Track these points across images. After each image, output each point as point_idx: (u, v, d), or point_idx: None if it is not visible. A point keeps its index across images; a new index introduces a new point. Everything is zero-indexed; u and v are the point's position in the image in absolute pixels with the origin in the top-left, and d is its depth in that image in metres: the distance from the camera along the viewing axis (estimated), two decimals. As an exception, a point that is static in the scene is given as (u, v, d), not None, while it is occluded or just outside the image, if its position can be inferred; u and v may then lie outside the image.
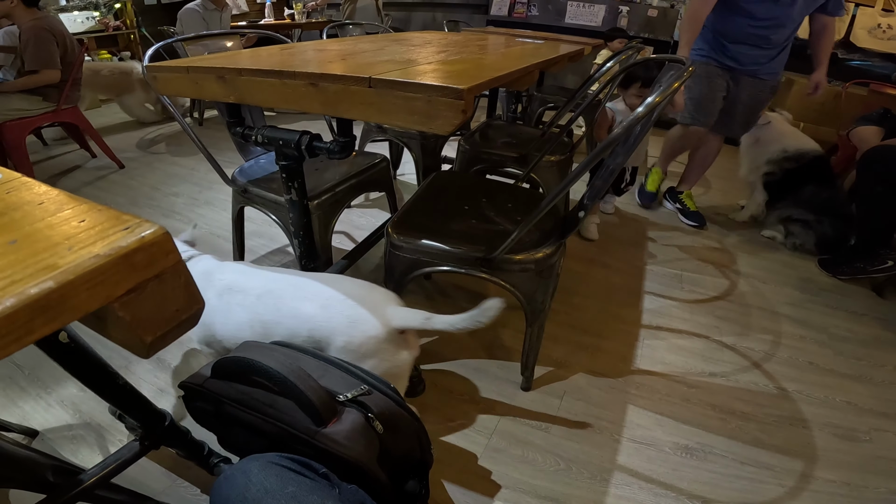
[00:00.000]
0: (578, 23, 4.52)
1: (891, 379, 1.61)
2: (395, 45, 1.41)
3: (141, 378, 1.40)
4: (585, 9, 4.48)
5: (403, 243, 1.19)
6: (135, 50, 4.79)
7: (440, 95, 0.76)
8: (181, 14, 3.50)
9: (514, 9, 4.66)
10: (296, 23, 4.60)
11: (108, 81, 3.62)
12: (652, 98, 0.83)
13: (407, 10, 5.16)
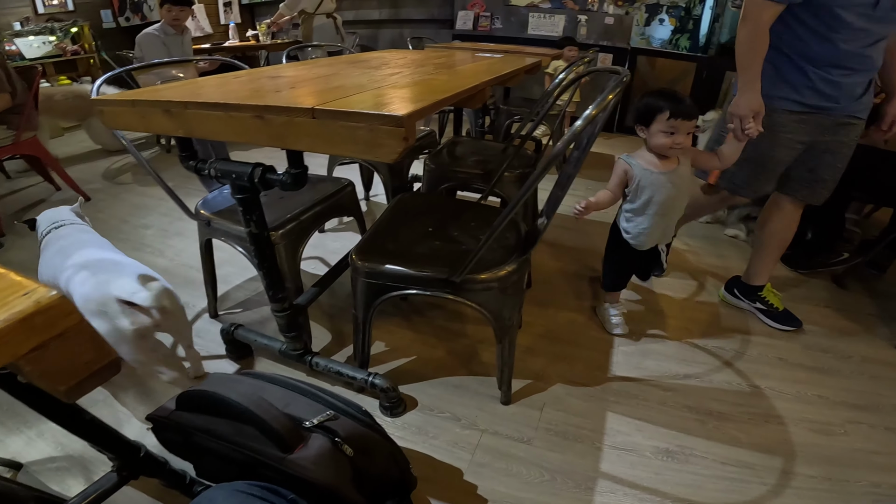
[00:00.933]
0: (540, 33, 4.60)
1: (858, 370, 1.64)
2: (351, 68, 1.41)
3: (119, 411, 1.38)
4: (546, 19, 4.58)
5: (368, 269, 1.20)
6: (95, 74, 4.73)
7: (381, 124, 0.76)
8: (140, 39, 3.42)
9: (479, 22, 4.74)
10: (261, 44, 4.58)
11: (65, 107, 3.52)
12: (590, 110, 0.84)
13: (374, 28, 5.20)
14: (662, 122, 1.40)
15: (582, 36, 4.50)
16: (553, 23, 4.57)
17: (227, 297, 1.90)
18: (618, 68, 1.10)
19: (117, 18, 5.32)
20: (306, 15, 4.03)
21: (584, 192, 2.97)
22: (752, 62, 1.42)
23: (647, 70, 4.52)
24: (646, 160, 1.47)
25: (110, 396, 1.42)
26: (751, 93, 1.43)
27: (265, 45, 4.61)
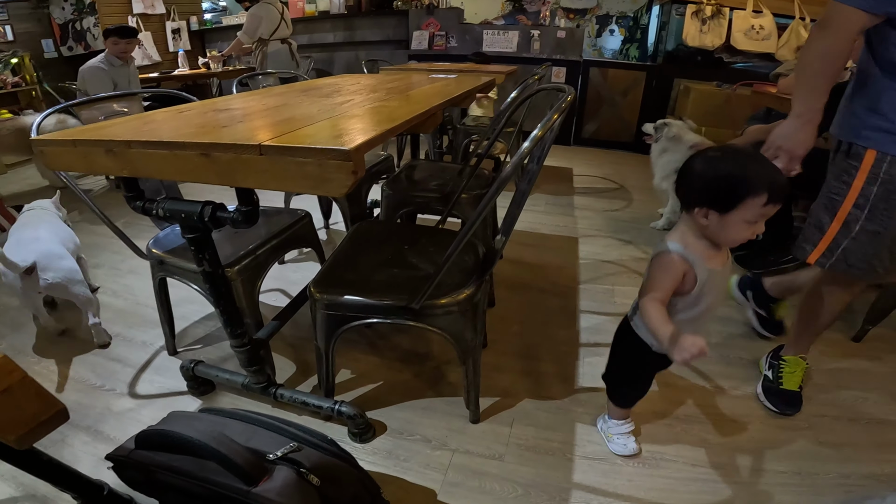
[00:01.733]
0: (495, 50, 4.69)
1: (815, 365, 1.70)
2: (302, 97, 1.40)
3: (79, 450, 1.33)
4: (500, 36, 4.68)
5: (327, 301, 1.20)
6: (38, 107, 4.56)
7: (329, 158, 0.76)
8: (83, 72, 3.31)
9: (434, 41, 4.79)
10: (212, 72, 4.52)
11: (8, 142, 3.37)
12: (536, 131, 0.85)
13: (329, 51, 5.19)
14: (753, 209, 0.93)
15: (535, 50, 4.61)
16: (507, 39, 4.67)
17: (186, 333, 1.85)
18: (563, 86, 1.12)
19: (59, 48, 5.17)
20: (261, 41, 4.00)
21: (543, 208, 3.01)
22: (823, 84, 1.15)
23: (599, 81, 4.67)
24: (701, 254, 1.02)
25: (69, 436, 1.37)
26: (811, 126, 1.20)
27: (216, 73, 4.55)
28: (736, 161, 0.96)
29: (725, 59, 4.39)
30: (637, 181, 3.50)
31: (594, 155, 4.51)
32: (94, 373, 1.62)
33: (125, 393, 1.53)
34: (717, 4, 4.14)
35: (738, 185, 0.93)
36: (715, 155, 0.99)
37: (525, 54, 4.64)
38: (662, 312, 1.00)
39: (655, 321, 0.99)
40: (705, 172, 0.98)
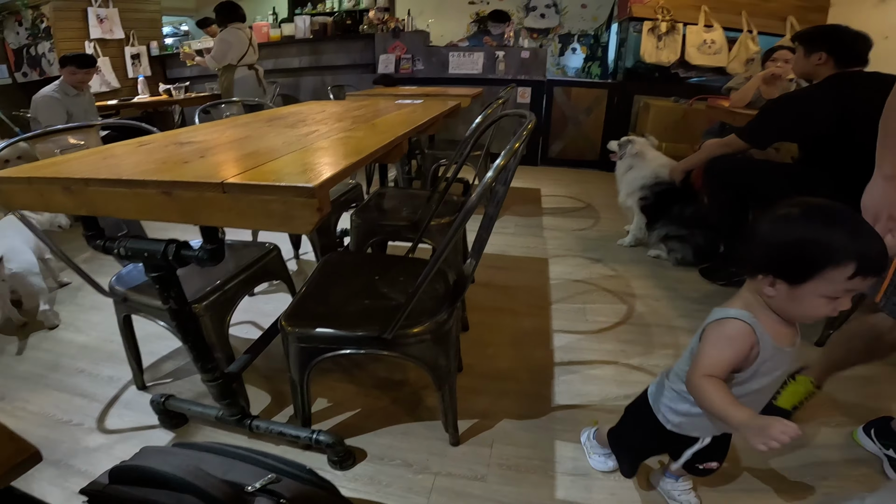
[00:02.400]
0: (461, 72, 4.75)
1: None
2: (266, 127, 1.39)
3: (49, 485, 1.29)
4: (466, 58, 4.75)
5: (299, 334, 1.19)
6: (-10, 137, 4.39)
7: (293, 195, 0.76)
8: (37, 102, 3.20)
9: (401, 65, 4.81)
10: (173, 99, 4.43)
11: None
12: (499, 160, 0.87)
13: (295, 76, 5.16)
14: (834, 283, 0.77)
15: (501, 71, 4.68)
16: (473, 61, 4.75)
17: (155, 367, 1.80)
18: (524, 112, 1.15)
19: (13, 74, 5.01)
20: (228, 67, 3.96)
21: (513, 230, 3.05)
22: None
23: (563, 100, 4.77)
24: (771, 329, 0.87)
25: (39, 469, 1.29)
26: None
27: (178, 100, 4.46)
28: (815, 221, 0.78)
29: (681, 75, 4.55)
30: (603, 199, 3.56)
31: (561, 174, 4.59)
32: (58, 408, 1.57)
33: (94, 428, 1.49)
34: (672, 20, 4.28)
35: (814, 251, 0.76)
36: (788, 212, 0.81)
37: (491, 75, 4.70)
38: (725, 391, 0.84)
39: (720, 403, 0.83)
40: (773, 234, 0.81)
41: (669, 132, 4.14)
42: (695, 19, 4.31)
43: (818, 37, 2.08)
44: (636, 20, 4.38)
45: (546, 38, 5.96)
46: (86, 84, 3.39)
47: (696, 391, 0.87)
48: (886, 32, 3.55)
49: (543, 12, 5.84)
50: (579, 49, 5.89)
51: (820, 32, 2.13)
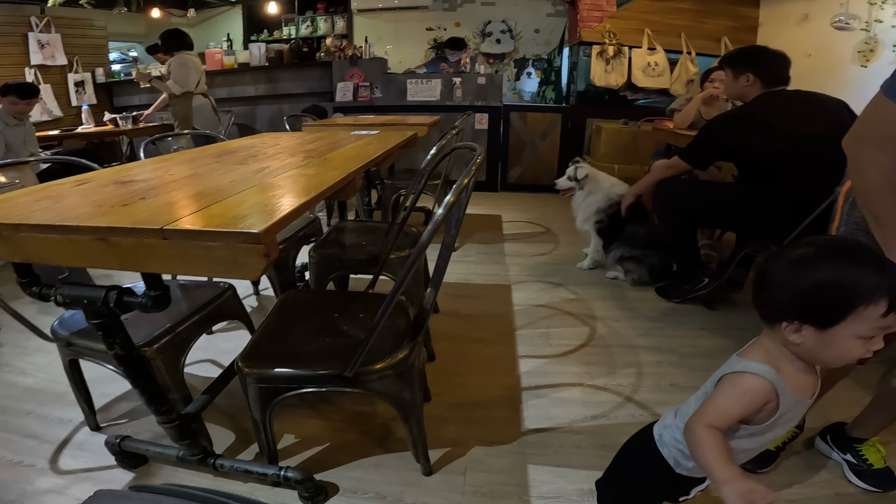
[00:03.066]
0: (420, 99, 4.80)
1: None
2: (214, 164, 1.36)
3: None
4: (424, 85, 4.80)
5: (257, 375, 1.15)
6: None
7: (238, 242, 0.73)
8: None
9: (359, 93, 4.82)
10: (120, 130, 4.26)
11: None
12: (449, 196, 0.87)
13: (251, 105, 5.08)
14: (868, 322, 0.73)
15: (458, 98, 4.75)
16: (430, 87, 4.81)
17: (109, 408, 1.71)
18: (474, 146, 1.16)
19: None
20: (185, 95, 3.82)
21: (475, 258, 3.07)
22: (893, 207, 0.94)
23: (520, 125, 4.86)
24: (795, 382, 0.82)
25: None
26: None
27: (125, 130, 4.28)
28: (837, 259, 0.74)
29: (629, 97, 4.73)
30: (562, 223, 3.63)
31: (521, 200, 4.65)
32: (8, 449, 1.49)
33: (47, 469, 1.42)
34: (618, 44, 4.47)
35: (843, 291, 0.72)
36: (805, 253, 0.77)
37: (449, 102, 4.76)
38: (722, 446, 0.81)
39: (712, 456, 0.79)
40: (796, 278, 0.76)
41: (621, 154, 4.26)
42: (639, 42, 4.50)
43: (744, 59, 2.20)
44: (585, 44, 4.54)
45: (502, 63, 6.11)
46: (26, 114, 3.25)
47: (693, 438, 0.84)
48: (809, 50, 3.84)
49: (499, 38, 5.99)
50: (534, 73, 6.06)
51: (744, 55, 2.25)
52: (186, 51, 3.80)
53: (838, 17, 3.37)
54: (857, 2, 3.33)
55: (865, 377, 1.70)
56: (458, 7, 5.93)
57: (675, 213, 2.32)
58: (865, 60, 3.36)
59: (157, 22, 5.80)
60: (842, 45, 3.54)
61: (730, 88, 2.29)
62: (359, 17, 6.09)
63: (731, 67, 2.24)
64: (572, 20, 4.97)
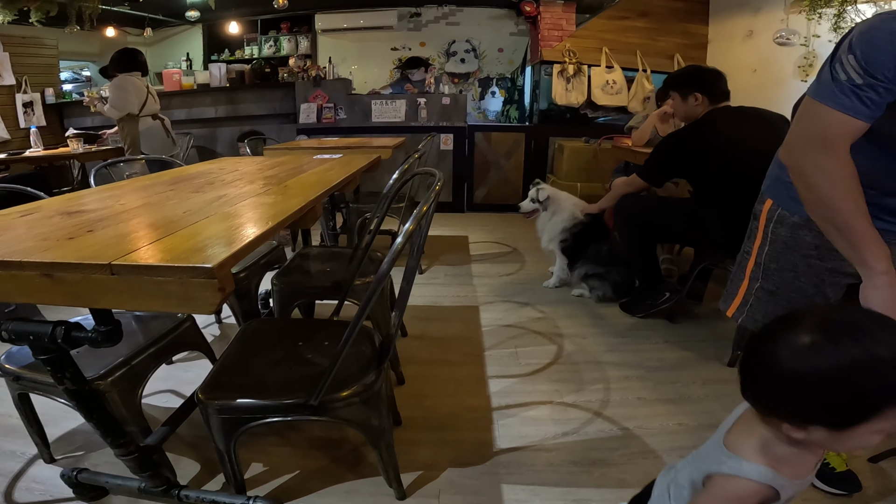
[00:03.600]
0: (384, 120, 4.79)
1: (704, 393, 1.87)
2: (167, 192, 1.32)
3: None
4: (388, 106, 4.80)
5: (219, 406, 1.13)
6: None
7: (191, 276, 0.71)
8: None
9: (323, 114, 4.77)
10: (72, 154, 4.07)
11: None
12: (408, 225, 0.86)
13: (211, 127, 4.97)
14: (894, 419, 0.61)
15: (423, 119, 4.76)
16: (395, 108, 4.81)
17: (65, 439, 1.63)
18: (433, 171, 1.17)
19: None
20: (130, 118, 3.69)
21: (443, 280, 3.06)
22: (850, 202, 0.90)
23: (484, 145, 4.89)
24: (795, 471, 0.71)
25: None
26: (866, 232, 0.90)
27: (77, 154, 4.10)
28: (854, 346, 0.60)
29: (589, 115, 4.84)
30: (528, 242, 3.66)
31: (487, 220, 4.68)
32: None
33: (1, 502, 1.36)
34: (578, 63, 4.57)
35: (867, 393, 0.59)
36: (811, 341, 0.62)
37: (414, 123, 4.77)
38: None
39: None
40: (800, 377, 0.62)
41: (583, 173, 4.34)
42: (598, 61, 4.61)
43: (687, 80, 2.31)
44: (547, 63, 4.64)
45: (466, 82, 6.19)
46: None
47: None
48: (754, 66, 4.00)
49: (463, 57, 6.06)
50: (498, 92, 6.16)
51: (687, 76, 2.36)
52: (134, 72, 3.68)
53: (780, 32, 3.46)
54: (796, 18, 3.45)
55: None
56: (422, 27, 5.98)
57: (634, 230, 2.38)
58: (805, 75, 3.48)
59: (112, 41, 5.64)
60: (784, 60, 3.67)
61: (679, 110, 2.38)
62: (323, 36, 6.07)
63: (676, 90, 2.34)
64: (534, 39, 5.07)
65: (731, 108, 2.25)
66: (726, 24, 4.41)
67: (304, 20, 6.09)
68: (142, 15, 5.49)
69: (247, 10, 5.85)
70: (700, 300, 2.64)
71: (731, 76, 4.57)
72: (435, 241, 3.84)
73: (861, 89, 0.87)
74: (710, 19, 4.63)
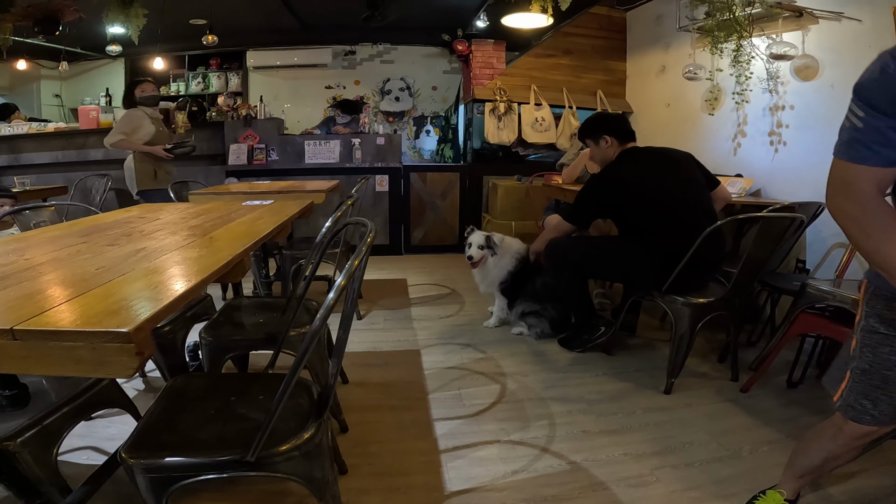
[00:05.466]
0: (318, 161, 4.68)
1: (643, 420, 1.93)
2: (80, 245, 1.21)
3: None
4: (322, 146, 4.70)
5: (145, 465, 1.04)
6: None
7: (105, 341, 0.65)
8: None
9: (254, 155, 4.60)
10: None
11: None
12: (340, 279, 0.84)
13: (135, 167, 4.68)
14: None
15: (358, 159, 4.70)
16: (329, 149, 4.70)
17: None
18: (365, 221, 1.15)
19: None
20: None
21: (383, 325, 3.02)
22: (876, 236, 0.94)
23: (420, 186, 4.89)
24: None
25: None
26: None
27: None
28: None
29: (521, 153, 4.91)
30: (466, 283, 3.67)
31: (425, 262, 4.66)
32: None
33: None
34: (508, 101, 4.68)
35: None
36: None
37: (348, 164, 4.70)
38: None
39: None
40: None
41: (517, 211, 4.43)
42: (527, 98, 4.73)
43: (598, 126, 2.46)
44: (479, 102, 4.74)
45: (401, 121, 6.23)
46: None
47: None
48: (667, 100, 4.24)
49: (398, 95, 6.06)
50: (433, 131, 6.22)
51: (595, 123, 2.51)
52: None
53: (688, 67, 3.57)
54: (702, 53, 3.56)
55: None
56: (357, 65, 5.95)
57: (565, 272, 2.45)
58: (712, 108, 3.69)
59: (24, 74, 5.29)
60: (693, 94, 3.81)
61: (596, 156, 2.52)
62: (255, 73, 5.94)
63: (590, 138, 2.49)
64: (466, 77, 5.14)
65: (640, 149, 2.42)
66: (642, 60, 4.63)
67: (235, 56, 5.93)
68: (57, 47, 5.16)
69: (173, 46, 5.64)
70: (633, 332, 2.76)
71: (647, 110, 4.85)
72: (373, 285, 3.78)
73: (863, 133, 0.91)
74: (627, 56, 4.89)
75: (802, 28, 2.87)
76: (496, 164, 4.93)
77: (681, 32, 3.78)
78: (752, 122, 3.33)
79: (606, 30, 4.84)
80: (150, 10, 4.46)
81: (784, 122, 3.07)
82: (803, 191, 2.82)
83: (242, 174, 4.52)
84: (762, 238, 2.07)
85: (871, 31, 2.51)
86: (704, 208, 2.24)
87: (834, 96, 2.73)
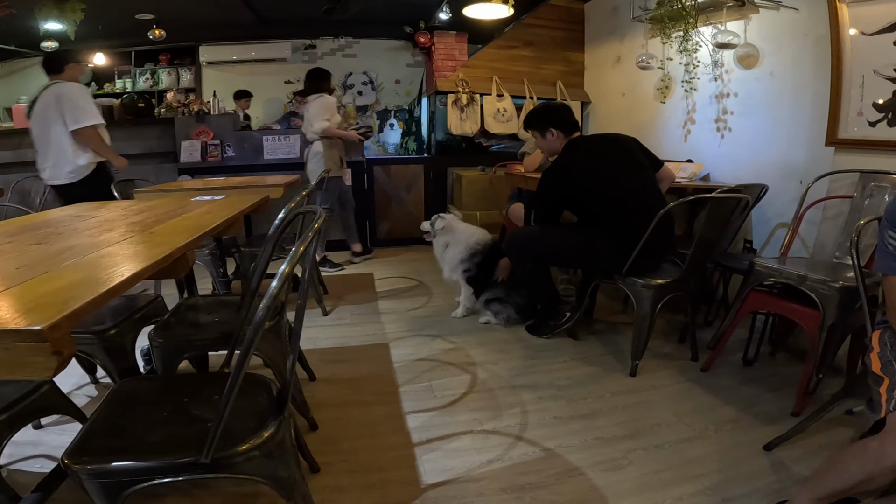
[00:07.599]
0: (278, 157, 4.54)
1: (612, 404, 1.94)
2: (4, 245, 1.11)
3: None
4: (281, 142, 4.56)
5: (91, 471, 0.98)
6: None
7: (17, 340, 0.59)
8: None
9: (208, 152, 4.41)
10: None
11: None
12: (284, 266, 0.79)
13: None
14: None
15: (319, 154, 4.62)
16: (289, 144, 4.57)
17: None
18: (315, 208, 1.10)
19: None
20: None
21: (350, 320, 2.95)
22: None
23: (384, 179, 4.84)
24: None
25: None
26: None
27: None
28: None
29: (484, 144, 4.94)
30: (433, 275, 3.64)
31: (392, 255, 4.61)
32: None
33: None
34: (470, 92, 4.68)
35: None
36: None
37: (310, 158, 4.60)
38: None
39: None
40: None
41: (481, 201, 4.44)
42: (489, 90, 4.76)
43: (542, 118, 2.48)
44: (441, 94, 4.71)
45: (364, 115, 6.13)
46: None
47: None
48: (623, 90, 4.33)
49: (361, 89, 5.97)
50: (397, 124, 6.16)
51: (540, 114, 2.52)
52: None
53: (641, 56, 3.63)
54: (653, 42, 3.61)
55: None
56: (318, 59, 5.80)
57: (528, 261, 2.46)
58: (663, 97, 3.78)
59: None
60: (646, 84, 3.89)
61: (542, 147, 2.55)
62: (208, 69, 5.74)
63: (535, 129, 2.51)
64: (429, 70, 5.14)
65: (585, 138, 2.46)
66: (599, 51, 4.74)
67: (187, 52, 5.71)
68: (-12, 45, 4.83)
69: (118, 42, 5.39)
70: (590, 315, 2.81)
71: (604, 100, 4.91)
72: (339, 280, 3.72)
73: None
74: (585, 47, 4.98)
75: (745, 17, 2.96)
76: (460, 155, 4.95)
77: (634, 23, 3.84)
78: (700, 109, 3.44)
79: (566, 21, 4.89)
80: (91, 5, 4.23)
81: (729, 109, 3.18)
82: (747, 174, 2.94)
83: (197, 172, 4.32)
84: (712, 219, 2.17)
85: (807, 19, 2.61)
86: (651, 190, 2.30)
87: (773, 83, 2.83)
